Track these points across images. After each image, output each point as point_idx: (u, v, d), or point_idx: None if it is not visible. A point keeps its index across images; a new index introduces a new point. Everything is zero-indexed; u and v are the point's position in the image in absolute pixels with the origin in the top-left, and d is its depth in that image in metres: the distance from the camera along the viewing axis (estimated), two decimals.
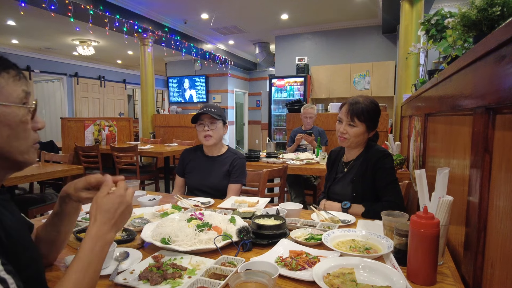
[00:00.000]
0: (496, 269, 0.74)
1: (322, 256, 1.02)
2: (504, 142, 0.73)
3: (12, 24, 6.70)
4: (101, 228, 0.73)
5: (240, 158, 2.04)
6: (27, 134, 0.71)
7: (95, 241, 0.71)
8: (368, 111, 1.64)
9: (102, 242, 0.72)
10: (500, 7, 1.05)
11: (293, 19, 7.12)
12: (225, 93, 10.30)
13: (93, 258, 0.70)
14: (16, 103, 0.68)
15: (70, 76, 9.73)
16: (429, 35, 2.25)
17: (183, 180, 2.11)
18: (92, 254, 0.70)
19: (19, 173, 2.27)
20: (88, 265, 0.69)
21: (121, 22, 5.83)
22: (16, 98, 0.68)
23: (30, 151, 0.73)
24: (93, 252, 0.70)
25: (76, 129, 5.12)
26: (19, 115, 0.69)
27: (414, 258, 0.90)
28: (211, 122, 1.95)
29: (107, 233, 0.74)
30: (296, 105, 5.17)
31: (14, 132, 0.68)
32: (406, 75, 4.30)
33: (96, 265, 0.71)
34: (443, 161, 1.43)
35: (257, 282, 0.74)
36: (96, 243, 0.71)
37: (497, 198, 0.75)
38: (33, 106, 0.73)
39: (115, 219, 0.75)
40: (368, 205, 1.57)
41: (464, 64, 0.97)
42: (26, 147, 0.72)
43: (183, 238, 1.11)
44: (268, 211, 1.44)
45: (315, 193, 3.75)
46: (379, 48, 7.13)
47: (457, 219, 1.09)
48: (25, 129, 0.71)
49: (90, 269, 0.69)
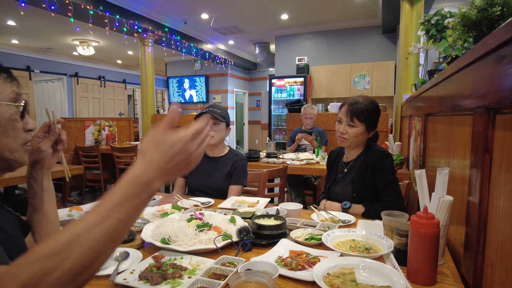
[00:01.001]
0: (496, 269, 0.74)
1: (322, 256, 1.02)
2: (504, 142, 0.73)
3: (12, 24, 6.70)
4: (149, 170, 0.54)
5: (242, 159, 2.04)
6: (17, 133, 0.74)
7: (135, 184, 0.53)
8: (368, 111, 1.64)
9: (144, 188, 0.53)
10: (500, 7, 1.05)
11: (293, 19, 7.11)
12: (225, 93, 10.30)
13: (124, 204, 0.51)
14: (5, 101, 0.71)
15: (70, 76, 9.73)
16: (429, 35, 2.25)
17: (183, 180, 2.11)
18: (124, 199, 0.52)
19: (19, 173, 2.27)
20: (112, 211, 0.50)
21: (121, 22, 5.83)
22: (5, 97, 0.71)
23: (20, 151, 0.75)
24: (127, 197, 0.52)
25: (76, 129, 5.12)
26: (8, 112, 0.72)
27: (414, 258, 0.90)
28: (214, 123, 1.95)
29: (155, 180, 0.54)
30: (296, 105, 5.17)
31: (3, 129, 0.71)
32: (406, 75, 4.30)
33: (124, 215, 0.51)
34: (443, 161, 1.43)
35: (257, 282, 0.74)
36: (135, 186, 0.53)
37: (497, 198, 0.75)
38: (21, 104, 0.75)
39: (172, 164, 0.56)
40: (368, 205, 1.57)
41: (464, 64, 0.97)
42: (16, 145, 0.74)
43: (183, 238, 1.11)
44: (268, 211, 1.44)
45: (315, 193, 3.75)
46: (379, 48, 7.12)
47: (457, 219, 1.09)
48: (14, 127, 0.73)
49: (111, 219, 0.50)
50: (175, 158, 0.56)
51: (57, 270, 0.46)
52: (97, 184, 4.75)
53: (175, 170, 0.57)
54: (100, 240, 0.49)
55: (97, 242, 0.49)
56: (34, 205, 0.91)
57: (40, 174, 0.91)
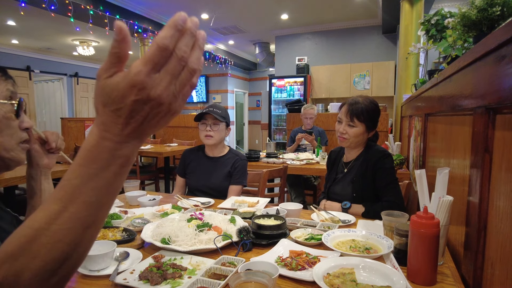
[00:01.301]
0: (496, 269, 0.74)
1: (322, 256, 1.02)
2: (504, 142, 0.73)
3: (12, 24, 6.70)
4: (106, 135, 0.39)
5: (242, 159, 2.04)
6: (12, 131, 0.73)
7: (95, 156, 0.39)
8: (368, 111, 1.64)
9: (108, 158, 0.39)
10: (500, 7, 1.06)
11: (293, 19, 7.11)
12: (225, 93, 10.30)
13: (87, 184, 0.40)
14: (0, 99, 0.71)
15: (70, 76, 9.74)
16: (429, 35, 2.25)
17: (183, 181, 2.11)
18: (86, 177, 0.40)
19: (19, 173, 2.27)
20: (73, 194, 0.40)
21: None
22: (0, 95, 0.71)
23: (17, 149, 0.75)
24: (89, 174, 0.39)
25: (76, 129, 5.12)
26: (3, 110, 0.71)
27: (414, 258, 0.90)
28: (214, 123, 1.95)
29: (119, 145, 0.39)
30: (296, 105, 5.17)
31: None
32: (406, 75, 4.30)
33: (93, 197, 0.40)
34: (443, 161, 1.43)
35: (257, 282, 0.74)
36: (96, 158, 0.39)
37: (497, 198, 0.75)
38: (15, 102, 0.74)
39: (134, 125, 0.38)
40: (368, 205, 1.57)
41: (464, 64, 0.97)
42: (12, 144, 0.73)
43: (183, 238, 1.11)
44: (268, 211, 1.44)
45: (315, 193, 3.75)
46: (379, 48, 7.13)
47: (457, 219, 1.09)
48: (9, 125, 0.73)
49: (75, 203, 0.40)
50: (135, 117, 0.37)
51: (26, 270, 0.40)
52: None
53: (145, 129, 0.39)
54: (70, 230, 0.40)
55: (66, 234, 0.40)
56: (33, 205, 0.91)
57: (38, 174, 0.91)
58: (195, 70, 0.38)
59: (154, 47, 0.35)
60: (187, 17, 0.36)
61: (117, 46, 0.36)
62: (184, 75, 0.37)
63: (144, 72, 0.35)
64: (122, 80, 0.36)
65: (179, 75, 0.37)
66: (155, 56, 0.35)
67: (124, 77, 0.36)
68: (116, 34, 0.35)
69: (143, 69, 0.35)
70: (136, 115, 0.37)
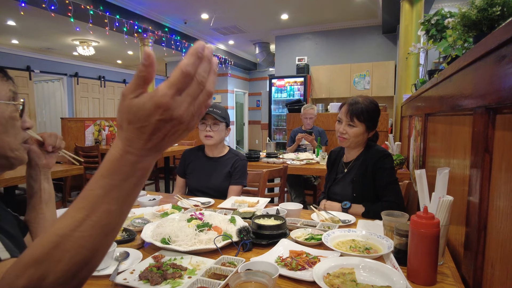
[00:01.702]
0: (496, 269, 0.74)
1: (322, 256, 1.02)
2: (504, 142, 0.73)
3: (12, 24, 6.70)
4: (129, 149, 0.42)
5: (242, 159, 2.04)
6: (17, 131, 0.75)
7: (117, 168, 0.43)
8: (368, 111, 1.64)
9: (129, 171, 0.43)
10: (500, 7, 1.05)
11: (293, 19, 7.12)
12: (225, 93, 10.30)
13: (109, 194, 0.43)
14: (4, 100, 0.72)
15: (70, 76, 9.73)
16: (429, 35, 2.25)
17: (183, 181, 2.11)
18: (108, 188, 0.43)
19: (19, 173, 2.27)
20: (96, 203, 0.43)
21: (121, 22, 5.83)
22: (3, 96, 0.72)
23: (21, 149, 0.77)
24: (111, 185, 0.43)
25: (76, 129, 5.12)
26: (8, 111, 0.72)
27: (414, 258, 0.90)
28: (214, 123, 1.95)
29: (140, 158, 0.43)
30: (296, 105, 5.17)
31: (4, 128, 0.72)
32: (406, 75, 4.30)
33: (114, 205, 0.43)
34: (443, 161, 1.43)
35: (257, 282, 0.74)
36: (118, 170, 0.43)
37: (497, 198, 0.75)
38: (21, 103, 0.76)
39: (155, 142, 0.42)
40: (368, 205, 1.57)
41: (464, 64, 0.97)
42: (16, 144, 0.75)
43: (183, 238, 1.11)
44: (268, 211, 1.44)
45: (315, 193, 3.75)
46: (379, 48, 7.13)
47: (457, 219, 1.09)
48: (14, 126, 0.74)
49: (97, 212, 0.43)
50: (156, 133, 0.41)
51: (50, 274, 0.43)
52: None
53: (164, 144, 0.43)
54: (91, 237, 0.43)
55: (87, 240, 0.43)
56: (33, 205, 0.92)
57: (38, 174, 0.92)
58: (211, 93, 0.42)
59: (178, 72, 0.39)
60: (205, 45, 0.40)
61: (144, 70, 0.39)
62: (202, 97, 0.41)
63: (169, 94, 0.38)
64: (148, 101, 0.39)
65: (198, 97, 0.41)
66: (179, 81, 0.39)
67: (150, 98, 0.39)
68: (144, 59, 0.38)
69: (168, 92, 0.38)
70: (158, 132, 0.41)
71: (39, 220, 0.92)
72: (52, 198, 0.96)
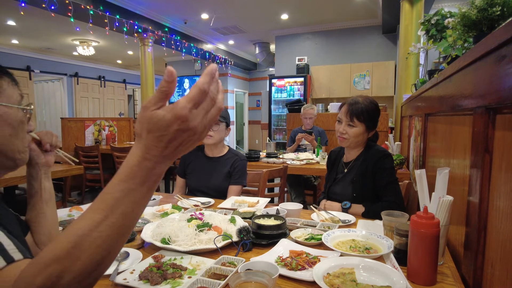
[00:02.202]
0: (496, 269, 0.74)
1: (322, 256, 1.02)
2: (504, 142, 0.73)
3: (12, 24, 6.70)
4: (147, 156, 0.47)
5: (241, 159, 2.04)
6: (25, 135, 0.77)
7: (135, 173, 0.47)
8: (368, 111, 1.64)
9: (146, 176, 0.48)
10: (500, 7, 1.05)
11: (293, 19, 7.12)
12: (225, 93, 10.31)
13: (126, 197, 0.47)
14: (16, 105, 0.74)
15: (70, 76, 9.74)
16: (429, 35, 2.25)
17: (183, 181, 2.11)
18: (126, 191, 0.47)
19: (19, 173, 2.27)
20: (114, 206, 0.47)
21: (121, 22, 5.83)
22: (15, 100, 0.74)
23: (26, 151, 0.79)
24: (129, 189, 0.47)
25: (76, 129, 5.12)
26: (19, 115, 0.75)
27: (414, 258, 0.90)
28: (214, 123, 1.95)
29: (156, 165, 0.47)
30: (296, 105, 5.17)
31: (15, 132, 0.74)
32: (406, 75, 4.30)
33: (129, 208, 0.48)
34: (443, 161, 1.43)
35: (257, 282, 0.74)
36: (136, 176, 0.47)
37: (497, 198, 0.75)
38: (31, 108, 0.79)
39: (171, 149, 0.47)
40: (368, 205, 1.57)
41: (464, 64, 0.97)
42: (24, 147, 0.77)
43: (183, 238, 1.11)
44: (268, 211, 1.44)
45: (315, 193, 3.75)
46: (379, 48, 7.13)
47: (457, 219, 1.09)
48: (23, 130, 0.76)
49: (115, 214, 0.47)
50: (173, 142, 0.46)
51: (68, 272, 0.46)
52: (97, 184, 4.75)
53: (178, 152, 0.48)
54: (108, 237, 0.47)
55: (105, 240, 0.47)
56: (34, 204, 0.92)
57: (38, 173, 0.93)
58: (221, 108, 0.49)
59: (196, 89, 0.45)
60: (217, 67, 0.47)
61: (166, 86, 0.44)
62: (213, 111, 0.48)
63: (188, 108, 0.44)
64: (168, 113, 0.44)
65: (210, 111, 0.47)
66: (196, 96, 0.45)
67: (169, 110, 0.44)
68: (167, 76, 0.44)
69: (187, 105, 0.44)
70: (174, 141, 0.46)
71: (40, 220, 0.92)
72: (53, 197, 0.96)
